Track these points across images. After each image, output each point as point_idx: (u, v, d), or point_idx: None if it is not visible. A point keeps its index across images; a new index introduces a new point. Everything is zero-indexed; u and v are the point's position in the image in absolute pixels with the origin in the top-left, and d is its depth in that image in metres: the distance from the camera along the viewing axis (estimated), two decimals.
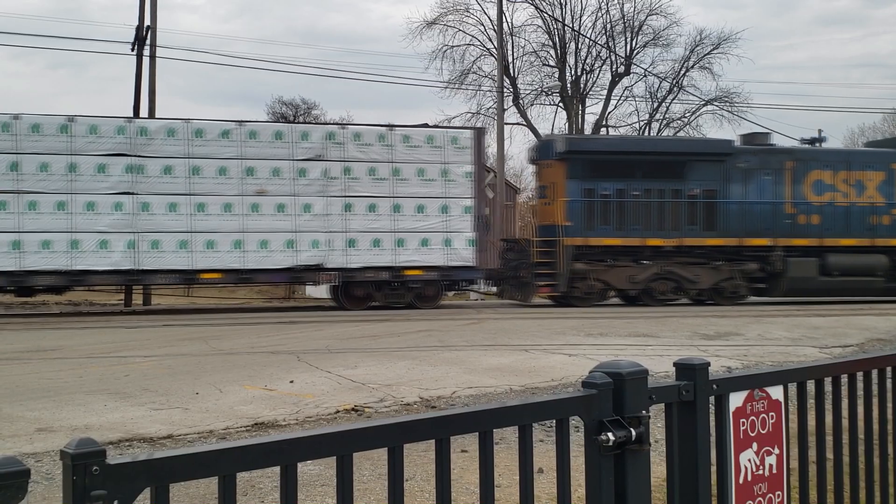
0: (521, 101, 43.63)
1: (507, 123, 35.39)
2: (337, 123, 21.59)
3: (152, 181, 20.03)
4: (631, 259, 22.30)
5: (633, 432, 2.31)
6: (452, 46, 42.72)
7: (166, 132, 20.20)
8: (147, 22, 27.39)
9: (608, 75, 44.37)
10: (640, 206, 22.14)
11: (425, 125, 22.81)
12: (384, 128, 21.77)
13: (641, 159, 22.43)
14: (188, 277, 21.04)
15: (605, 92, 44.39)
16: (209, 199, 20.32)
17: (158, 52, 27.54)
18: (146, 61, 27.40)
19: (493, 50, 40.22)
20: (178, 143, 20.20)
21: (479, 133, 23.21)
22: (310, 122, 21.22)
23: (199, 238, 20.25)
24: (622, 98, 44.74)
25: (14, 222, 19.25)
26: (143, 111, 27.24)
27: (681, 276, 22.34)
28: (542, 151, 23.38)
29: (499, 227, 28.15)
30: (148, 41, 27.34)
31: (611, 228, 22.07)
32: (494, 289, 25.17)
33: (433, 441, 2.09)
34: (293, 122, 21.91)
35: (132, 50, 27.76)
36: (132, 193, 19.95)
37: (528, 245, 22.37)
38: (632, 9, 43.43)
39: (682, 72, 44.09)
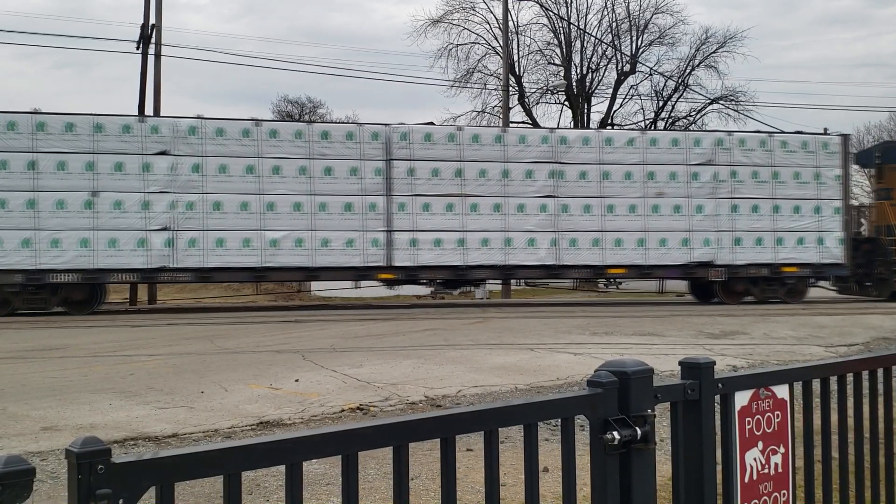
0: (526, 100, 43.62)
1: (512, 122, 35.38)
2: (724, 131, 23.55)
3: (570, 185, 22.00)
4: None
5: (639, 431, 2.30)
6: (458, 45, 42.76)
7: (582, 141, 22.28)
8: (152, 21, 27.44)
9: (614, 74, 44.39)
10: None
11: (799, 132, 24.02)
12: (765, 134, 23.60)
13: None
14: (598, 272, 23.05)
15: (610, 90, 44.38)
16: (617, 201, 22.19)
17: (164, 51, 27.59)
18: (151, 60, 27.45)
19: (499, 48, 40.22)
20: (591, 151, 22.11)
21: (846, 139, 24.22)
22: (701, 130, 23.69)
23: (608, 237, 22.16)
24: (628, 97, 44.74)
25: (459, 222, 21.54)
26: (149, 110, 27.30)
27: None
28: (890, 155, 24.97)
29: None
30: (153, 40, 27.39)
31: None
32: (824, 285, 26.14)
33: (438, 440, 2.09)
34: (686, 130, 25.25)
35: (137, 49, 27.82)
36: (554, 196, 21.95)
37: (885, 243, 23.57)
38: (637, 7, 43.47)
39: (688, 70, 44.07)
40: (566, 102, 44.30)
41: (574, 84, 43.52)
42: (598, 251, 22.07)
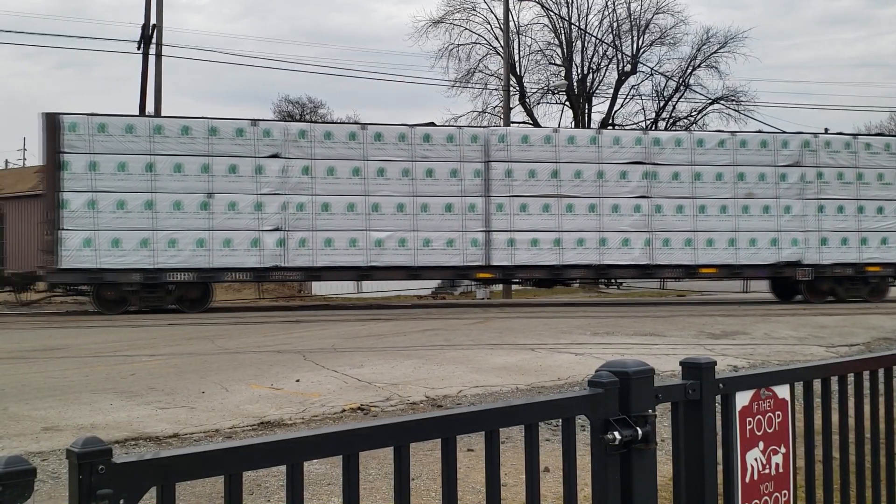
0: (527, 100, 43.63)
1: (513, 122, 35.37)
2: (810, 133, 23.84)
3: (663, 186, 22.52)
4: None
5: (640, 431, 2.30)
6: (458, 45, 42.78)
7: (675, 142, 22.77)
8: (153, 21, 27.45)
9: (615, 74, 44.39)
10: None
11: (881, 134, 25.13)
12: (849, 136, 23.99)
13: None
14: (690, 272, 23.15)
15: (611, 90, 44.38)
16: (708, 201, 22.73)
17: (164, 51, 27.60)
18: (152, 60, 27.45)
19: (500, 48, 40.22)
20: (684, 152, 22.67)
21: None
22: (788, 133, 24.59)
23: (700, 237, 22.67)
24: (629, 97, 44.74)
25: (555, 223, 22.07)
26: (150, 110, 27.30)
27: None
28: None
29: None
30: (154, 40, 27.40)
31: None
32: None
33: (439, 440, 2.09)
34: (775, 132, 25.08)
35: (138, 49, 27.83)
36: (647, 197, 22.46)
37: None
38: (638, 7, 43.45)
39: (689, 70, 44.06)
40: (567, 102, 44.30)
41: (575, 84, 43.51)
42: (691, 251, 22.59)
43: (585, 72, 43.94)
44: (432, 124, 22.77)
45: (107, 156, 19.78)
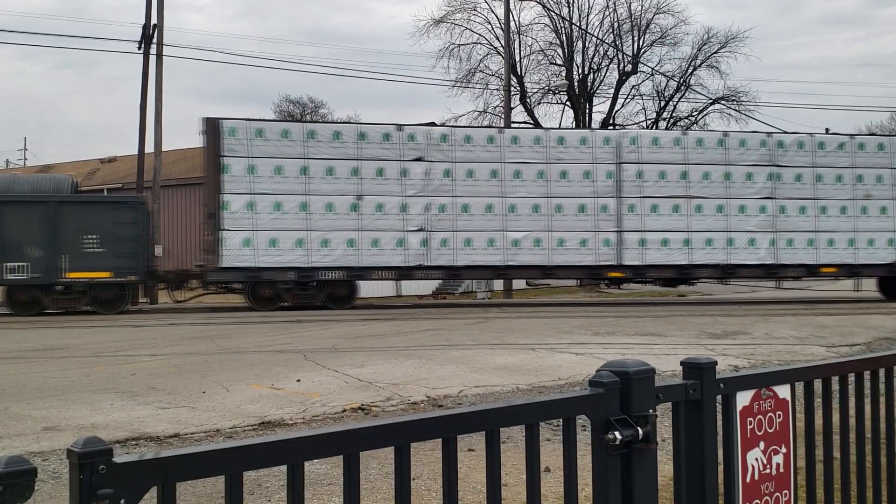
0: (528, 100, 43.63)
1: (513, 122, 35.37)
2: None
3: (787, 187, 23.07)
4: None
5: (640, 431, 2.30)
6: (459, 45, 42.79)
7: (797, 145, 23.24)
8: (154, 20, 27.44)
9: (615, 74, 44.39)
10: None
11: None
12: None
13: None
14: (812, 271, 23.71)
15: (612, 90, 44.37)
16: (829, 202, 23.25)
17: (165, 50, 27.60)
18: (153, 60, 27.45)
19: (501, 48, 40.23)
20: (806, 155, 23.17)
21: None
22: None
23: (822, 237, 23.25)
24: (629, 96, 44.73)
25: (685, 223, 22.67)
26: (150, 110, 27.30)
27: None
28: None
29: None
30: (155, 40, 27.39)
31: None
32: None
33: (440, 440, 2.09)
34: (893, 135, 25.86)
35: (139, 48, 27.82)
36: (772, 198, 23.02)
37: None
38: (639, 7, 43.51)
39: (690, 70, 44.06)
40: (568, 102, 44.31)
41: (576, 84, 43.50)
42: (813, 251, 23.14)
43: (586, 72, 43.95)
44: (433, 124, 22.85)
45: (264, 159, 20.74)
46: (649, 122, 44.28)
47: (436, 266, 21.90)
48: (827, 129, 24.76)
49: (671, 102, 44.71)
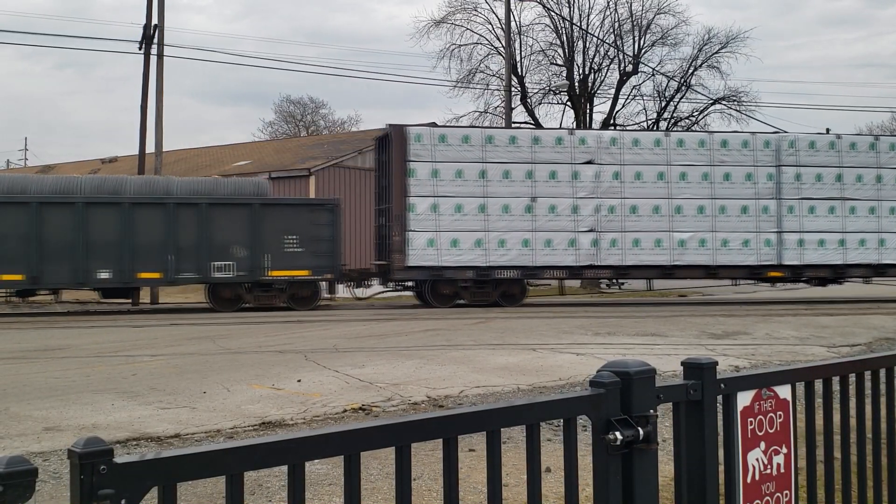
0: (528, 100, 43.59)
1: (514, 123, 35.36)
2: None
3: None
4: None
5: (641, 431, 2.30)
6: (460, 45, 42.71)
7: None
8: (154, 21, 27.44)
9: (616, 74, 44.26)
10: None
11: None
12: None
13: None
14: None
15: (612, 91, 44.30)
16: None
17: (166, 51, 27.60)
18: (154, 60, 27.45)
19: (501, 49, 40.22)
20: None
21: None
22: None
23: None
24: (630, 97, 44.64)
25: (840, 224, 23.26)
26: (151, 110, 27.31)
27: None
28: None
29: None
30: (155, 40, 27.39)
31: None
32: None
33: (441, 440, 2.09)
34: None
35: (139, 49, 27.83)
36: None
37: None
38: (640, 7, 43.44)
39: (690, 71, 44.00)
40: (568, 103, 44.24)
41: (576, 84, 43.47)
42: None
43: (587, 72, 43.88)
44: (433, 125, 22.93)
45: (446, 164, 21.82)
46: (650, 122, 44.26)
47: (605, 266, 22.79)
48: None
49: (672, 103, 44.66)
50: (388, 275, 22.81)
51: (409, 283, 23.00)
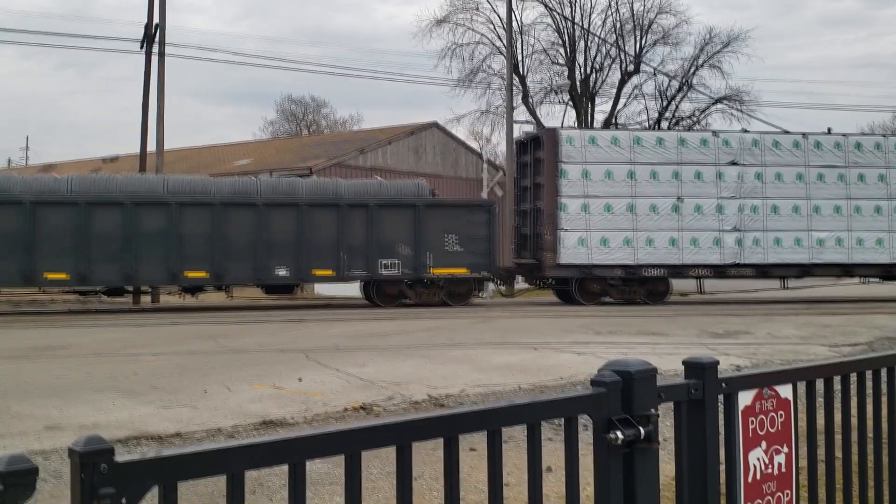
0: (530, 100, 43.58)
1: (516, 122, 35.35)
2: None
3: None
4: None
5: (642, 431, 2.30)
6: (462, 45, 42.72)
7: None
8: (156, 20, 27.44)
9: (618, 73, 44.28)
10: None
11: None
12: None
13: None
14: None
15: (614, 90, 44.31)
16: None
17: (168, 50, 27.60)
18: (155, 59, 27.45)
19: (503, 48, 40.21)
20: None
21: None
22: None
23: None
24: (632, 96, 44.64)
25: None
26: (152, 109, 27.31)
27: None
28: None
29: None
30: (157, 39, 27.39)
31: None
32: None
33: (442, 440, 2.08)
34: None
35: (141, 48, 27.83)
36: None
37: None
38: (641, 7, 43.36)
39: (692, 70, 43.98)
40: (570, 102, 44.25)
41: (578, 84, 43.47)
42: None
43: (588, 71, 43.89)
44: (435, 124, 23.05)
45: (596, 165, 22.61)
46: (652, 122, 44.23)
47: (748, 264, 23.30)
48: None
49: (673, 102, 44.65)
50: (535, 272, 23.78)
51: (550, 281, 23.81)
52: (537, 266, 23.36)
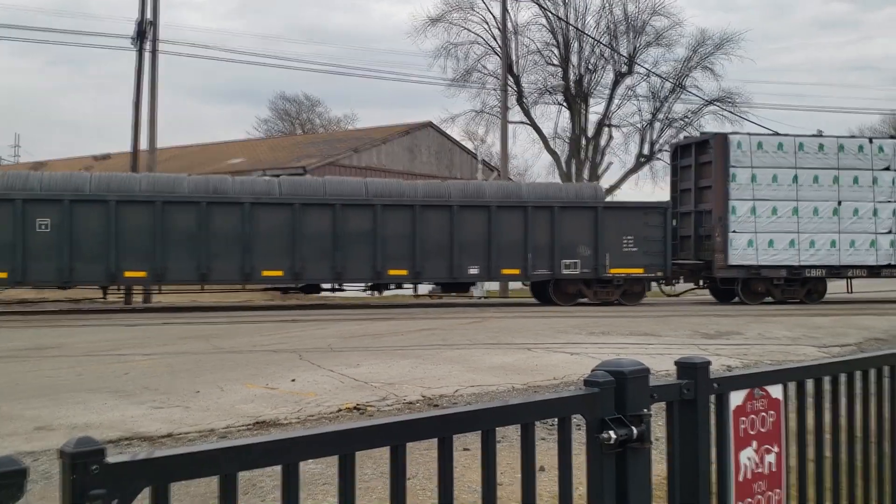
0: (524, 100, 43.64)
1: (510, 122, 35.41)
2: None
3: None
4: None
5: (635, 430, 2.31)
6: (456, 44, 42.78)
7: None
8: (149, 16, 27.36)
9: (611, 75, 44.38)
10: None
11: None
12: None
13: None
14: None
15: (608, 91, 44.40)
16: None
17: (161, 47, 27.54)
18: (147, 56, 27.38)
19: (498, 48, 40.24)
20: None
21: None
22: None
23: None
24: (625, 97, 44.75)
25: None
26: (144, 107, 27.24)
27: None
28: None
29: None
30: (149, 36, 27.31)
31: None
32: None
33: (435, 440, 2.09)
34: None
35: (133, 44, 27.73)
36: None
37: None
38: (635, 9, 43.44)
39: (685, 72, 44.09)
40: (564, 103, 44.32)
41: (572, 84, 43.53)
42: None
43: (582, 72, 43.96)
44: (430, 124, 23.10)
45: (763, 169, 23.37)
46: (645, 123, 44.32)
47: None
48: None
49: (666, 104, 44.77)
50: (698, 273, 24.67)
51: (716, 282, 24.49)
52: (702, 267, 24.25)
